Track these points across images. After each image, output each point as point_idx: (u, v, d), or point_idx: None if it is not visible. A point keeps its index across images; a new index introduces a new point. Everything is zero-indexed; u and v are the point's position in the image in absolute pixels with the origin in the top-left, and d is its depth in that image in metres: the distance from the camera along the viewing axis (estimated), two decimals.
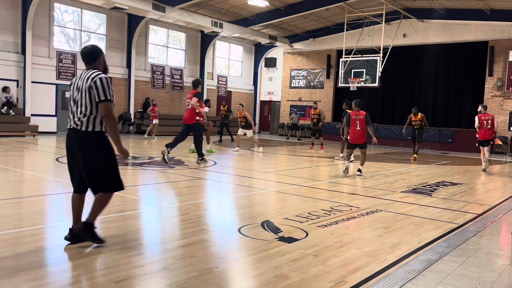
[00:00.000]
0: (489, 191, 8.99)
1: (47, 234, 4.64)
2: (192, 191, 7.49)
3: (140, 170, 9.59)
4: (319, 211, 6.00)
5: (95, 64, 4.13)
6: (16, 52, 17.62)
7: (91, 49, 4.17)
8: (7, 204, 5.78)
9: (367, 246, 4.51)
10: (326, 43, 25.47)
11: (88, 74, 4.00)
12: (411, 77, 23.50)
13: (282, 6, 21.40)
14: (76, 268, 3.64)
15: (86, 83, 3.95)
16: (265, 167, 11.41)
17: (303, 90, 26.80)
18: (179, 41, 24.42)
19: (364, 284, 3.49)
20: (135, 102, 21.93)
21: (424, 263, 4.01)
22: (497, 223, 5.95)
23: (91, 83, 3.93)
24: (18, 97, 17.82)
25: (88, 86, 3.94)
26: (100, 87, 3.93)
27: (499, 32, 20.04)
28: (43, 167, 9.83)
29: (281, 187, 8.30)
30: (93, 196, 4.18)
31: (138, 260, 3.81)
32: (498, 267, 4.05)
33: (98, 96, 3.93)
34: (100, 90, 3.92)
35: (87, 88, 3.94)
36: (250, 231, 4.86)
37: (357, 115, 10.19)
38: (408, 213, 6.21)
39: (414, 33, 22.24)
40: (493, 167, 14.09)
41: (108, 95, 3.95)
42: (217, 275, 3.56)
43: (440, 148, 20.51)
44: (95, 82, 3.93)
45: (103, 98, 3.93)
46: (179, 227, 5.00)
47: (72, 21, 19.82)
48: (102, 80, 3.96)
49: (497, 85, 20.32)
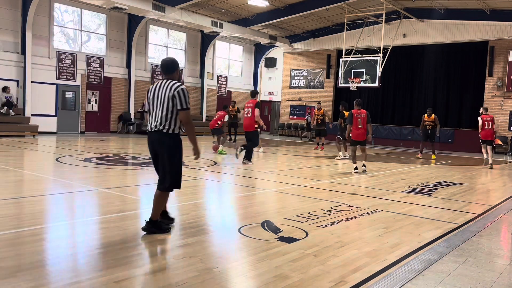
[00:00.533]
0: (489, 191, 8.99)
1: (47, 234, 4.64)
2: (192, 191, 7.49)
3: (140, 170, 9.59)
4: (319, 211, 6.00)
5: (173, 75, 4.65)
6: (16, 52, 17.62)
7: (171, 62, 4.67)
8: (7, 204, 5.78)
9: (367, 246, 4.51)
10: (326, 43, 25.47)
11: (170, 84, 4.51)
12: (411, 77, 23.49)
13: (282, 6, 21.41)
14: (76, 268, 3.64)
15: (170, 92, 4.46)
16: (265, 167, 11.41)
17: (303, 90, 26.80)
18: (179, 41, 24.43)
19: (364, 284, 3.49)
20: (135, 102, 21.92)
21: (424, 263, 4.01)
22: (497, 223, 5.95)
23: (174, 92, 4.45)
24: (18, 97, 17.82)
25: (171, 95, 4.45)
26: (182, 97, 4.46)
27: (499, 32, 20.04)
28: (43, 167, 9.83)
29: (281, 187, 8.30)
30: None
31: (138, 260, 3.82)
32: (498, 267, 4.05)
33: (180, 104, 4.46)
34: (182, 99, 4.46)
35: (171, 96, 4.45)
36: (250, 231, 4.86)
37: (359, 114, 10.66)
38: (408, 213, 6.21)
39: (414, 33, 22.24)
40: (493, 167, 14.09)
41: (188, 104, 4.51)
42: (217, 275, 3.56)
43: (440, 148, 20.48)
44: (178, 92, 4.45)
45: (184, 107, 4.47)
46: (179, 227, 5.00)
47: (72, 21, 19.82)
48: (184, 91, 4.49)
49: (497, 85, 20.31)
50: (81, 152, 12.59)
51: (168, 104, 4.46)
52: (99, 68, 20.34)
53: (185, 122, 4.52)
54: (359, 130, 10.62)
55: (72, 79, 19.41)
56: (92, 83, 20.21)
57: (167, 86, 4.49)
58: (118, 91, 21.35)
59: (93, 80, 20.20)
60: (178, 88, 4.45)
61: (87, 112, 20.19)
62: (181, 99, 4.45)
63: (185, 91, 4.49)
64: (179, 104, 4.45)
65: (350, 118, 10.74)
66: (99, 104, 20.66)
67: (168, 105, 4.46)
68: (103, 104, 20.82)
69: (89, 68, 19.99)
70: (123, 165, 10.24)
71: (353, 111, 10.73)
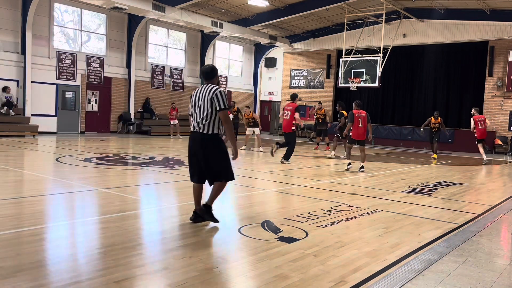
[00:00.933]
0: (489, 191, 8.99)
1: (47, 234, 4.64)
2: (192, 191, 7.48)
3: (140, 170, 9.59)
4: (319, 211, 6.00)
5: (213, 80, 5.09)
6: (16, 52, 17.62)
7: (211, 69, 5.14)
8: (7, 204, 5.78)
9: (367, 246, 4.51)
10: (326, 43, 25.47)
11: (210, 88, 4.96)
12: (411, 77, 23.49)
13: (282, 6, 21.40)
14: (76, 268, 3.64)
15: (209, 95, 4.89)
16: (265, 167, 11.41)
17: (303, 90, 26.79)
18: (179, 41, 24.43)
19: (364, 284, 3.49)
20: (135, 102, 21.93)
21: (424, 263, 4.01)
22: (497, 223, 5.95)
23: (213, 95, 4.87)
24: (18, 97, 17.82)
25: (210, 97, 4.88)
26: (220, 98, 4.87)
27: (499, 32, 20.04)
28: (43, 167, 9.83)
29: (281, 187, 8.30)
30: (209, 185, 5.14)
31: (138, 260, 3.81)
32: (498, 267, 4.05)
33: (218, 105, 4.85)
34: (220, 100, 4.86)
35: (210, 99, 4.88)
36: (250, 231, 4.86)
37: (359, 114, 10.91)
38: (408, 213, 6.21)
39: (414, 33, 22.24)
40: (493, 167, 14.11)
41: (226, 104, 4.90)
42: (217, 275, 3.56)
43: (440, 148, 20.39)
44: (216, 95, 4.87)
45: (222, 107, 4.87)
46: (179, 227, 5.00)
47: (72, 21, 19.82)
48: (222, 93, 4.91)
49: (497, 85, 20.31)
50: (81, 152, 12.59)
51: (207, 106, 4.88)
52: (99, 68, 20.34)
53: (224, 120, 4.92)
54: (359, 129, 10.85)
55: (72, 79, 19.41)
56: (92, 83, 20.21)
57: (207, 90, 4.94)
58: (118, 91, 21.35)
59: (93, 80, 20.20)
60: (216, 91, 4.89)
61: (87, 112, 20.20)
62: (219, 100, 4.86)
63: (223, 93, 4.91)
64: (217, 104, 4.85)
65: (352, 117, 10.92)
66: (99, 104, 20.66)
67: (207, 106, 4.88)
68: (103, 104, 20.82)
69: (89, 68, 19.99)
70: (123, 165, 10.24)
71: (354, 111, 10.96)
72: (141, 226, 5.13)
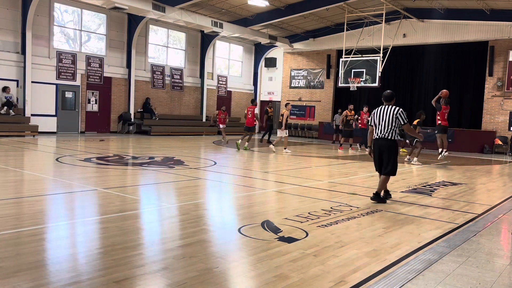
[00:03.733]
0: (489, 191, 8.99)
1: (47, 234, 4.64)
2: (192, 191, 7.49)
3: (140, 170, 9.59)
4: (319, 211, 6.00)
5: (392, 102, 6.92)
6: (16, 52, 17.62)
7: (391, 94, 6.98)
8: (7, 204, 5.78)
9: (367, 246, 4.51)
10: (326, 43, 25.46)
11: (392, 108, 6.82)
12: (411, 77, 23.48)
13: (282, 6, 21.40)
14: (76, 268, 3.64)
15: (392, 114, 6.75)
16: (265, 167, 11.41)
17: (303, 90, 26.79)
18: (179, 41, 24.42)
19: (364, 284, 3.49)
20: (135, 102, 21.92)
21: (424, 263, 4.00)
22: (497, 223, 5.95)
23: (397, 115, 6.74)
24: (18, 97, 17.82)
25: (395, 117, 6.74)
26: (403, 116, 6.78)
27: (499, 32, 20.03)
28: (43, 167, 9.83)
29: (281, 187, 8.30)
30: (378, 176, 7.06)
31: (138, 260, 3.81)
32: (498, 267, 4.05)
33: (402, 121, 6.77)
34: (403, 117, 6.78)
35: (394, 117, 6.73)
36: (250, 231, 4.86)
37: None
38: (408, 213, 6.21)
39: (414, 33, 22.23)
40: (493, 167, 14.11)
41: (406, 120, 6.82)
42: (217, 275, 3.56)
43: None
44: (399, 114, 6.76)
45: (405, 122, 6.82)
46: (179, 227, 5.00)
47: (72, 21, 19.82)
48: (403, 112, 6.83)
49: (497, 85, 20.30)
50: (81, 152, 12.59)
51: (393, 121, 6.72)
52: (99, 68, 20.34)
53: (407, 130, 7.16)
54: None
55: (72, 79, 19.41)
56: (92, 83, 20.21)
57: (390, 110, 6.79)
58: (118, 91, 21.35)
59: (93, 80, 20.20)
60: (398, 111, 6.77)
61: (87, 112, 20.20)
62: (402, 118, 6.75)
63: (403, 112, 6.79)
64: (401, 121, 6.75)
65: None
66: (99, 104, 20.66)
67: (390, 121, 6.72)
68: (103, 104, 20.82)
69: (89, 68, 19.99)
70: (123, 165, 10.24)
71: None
72: (141, 226, 5.13)
